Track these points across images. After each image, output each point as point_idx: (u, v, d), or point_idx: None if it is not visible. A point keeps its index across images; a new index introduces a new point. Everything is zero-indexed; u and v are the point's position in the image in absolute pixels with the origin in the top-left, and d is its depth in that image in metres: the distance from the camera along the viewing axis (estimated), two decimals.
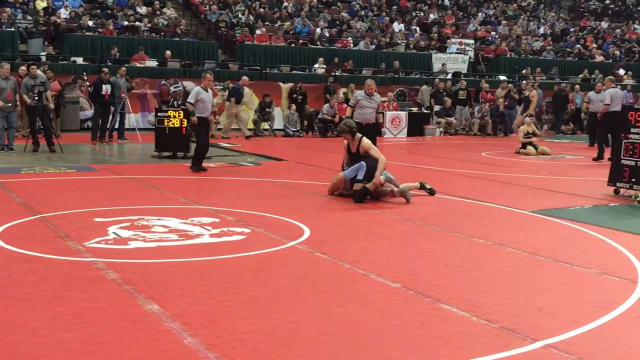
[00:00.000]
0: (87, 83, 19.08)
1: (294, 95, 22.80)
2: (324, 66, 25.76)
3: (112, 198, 9.97)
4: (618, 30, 37.62)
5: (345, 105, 22.53)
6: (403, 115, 23.57)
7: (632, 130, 10.91)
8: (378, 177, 10.18)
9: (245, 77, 21.26)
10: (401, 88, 26.33)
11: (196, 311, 5.16)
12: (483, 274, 6.52)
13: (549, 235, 8.36)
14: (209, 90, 13.50)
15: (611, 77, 18.02)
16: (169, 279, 6.00)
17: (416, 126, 23.66)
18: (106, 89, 17.80)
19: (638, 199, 10.74)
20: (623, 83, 28.57)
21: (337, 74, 25.41)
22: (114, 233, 7.68)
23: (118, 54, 22.59)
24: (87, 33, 23.73)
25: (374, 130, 12.99)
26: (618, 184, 11.21)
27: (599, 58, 33.35)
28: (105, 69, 18.44)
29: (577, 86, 27.04)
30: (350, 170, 10.45)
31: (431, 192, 10.93)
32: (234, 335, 4.70)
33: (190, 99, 13.28)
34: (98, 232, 7.69)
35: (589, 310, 5.47)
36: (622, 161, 11.02)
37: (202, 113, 13.21)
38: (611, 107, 16.28)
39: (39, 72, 16.30)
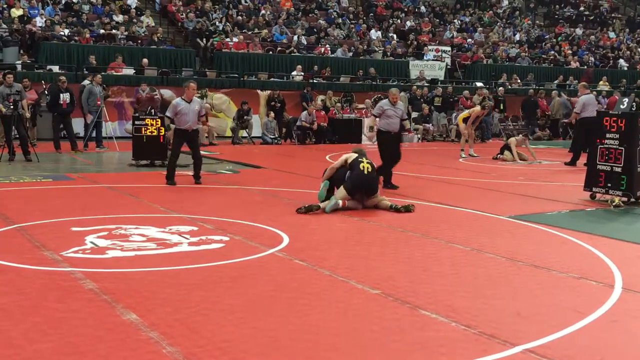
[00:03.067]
0: (46, 92, 18.76)
1: (272, 103, 22.81)
2: (302, 73, 25.78)
3: (90, 207, 9.89)
4: (592, 37, 38.05)
5: (323, 113, 22.71)
6: None
7: (608, 135, 11.03)
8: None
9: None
10: (379, 95, 26.38)
11: (175, 320, 5.13)
12: (462, 280, 6.54)
13: (526, 241, 8.41)
14: (193, 100, 12.67)
15: (584, 83, 18.19)
16: (148, 288, 5.96)
17: None
18: (64, 97, 17.57)
19: (614, 204, 10.85)
20: (598, 89, 28.90)
21: (315, 81, 25.44)
22: (92, 242, 7.62)
23: (95, 62, 22.43)
24: (63, 40, 23.57)
25: (399, 138, 13.06)
26: (594, 189, 11.32)
27: (574, 64, 33.70)
28: (63, 78, 18.19)
29: (554, 92, 27.32)
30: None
31: (398, 210, 10.19)
32: (213, 344, 4.68)
33: (168, 112, 12.71)
34: (75, 241, 7.62)
35: (567, 314, 5.51)
36: (598, 166, 11.13)
37: (180, 125, 12.53)
38: (585, 113, 16.46)
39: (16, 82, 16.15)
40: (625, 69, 35.02)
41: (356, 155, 10.46)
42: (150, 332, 4.86)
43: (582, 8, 42.11)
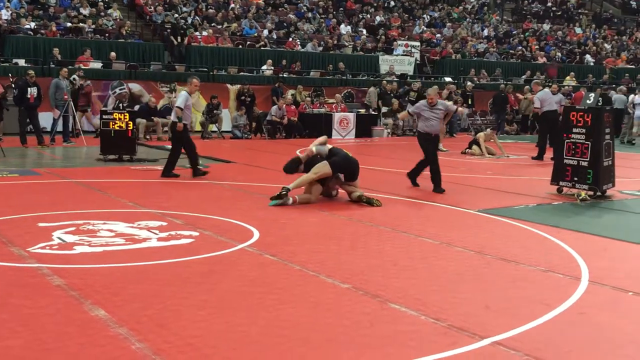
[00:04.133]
0: (13, 86, 18.47)
1: (242, 97, 22.71)
2: (272, 68, 25.72)
3: (57, 202, 9.78)
4: (560, 33, 38.48)
5: (293, 107, 22.69)
6: (351, 116, 23.68)
7: (574, 130, 11.16)
8: (310, 148, 10.53)
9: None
10: (349, 90, 26.46)
11: (144, 316, 5.10)
12: (431, 273, 6.59)
13: (495, 234, 8.49)
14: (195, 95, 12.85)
15: (537, 80, 18.35)
16: (116, 284, 5.91)
17: (364, 127, 23.82)
18: (31, 91, 17.33)
19: (580, 198, 10.99)
20: (564, 85, 29.22)
21: (285, 75, 25.39)
22: (59, 238, 7.53)
23: (59, 55, 22.14)
24: (30, 34, 23.24)
25: (436, 139, 12.38)
26: (561, 183, 11.45)
27: (541, 60, 34.06)
28: (31, 72, 17.91)
29: (526, 87, 27.58)
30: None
31: (368, 202, 10.26)
32: (183, 340, 4.66)
33: (180, 104, 12.55)
34: (42, 237, 7.53)
35: (535, 307, 5.57)
36: (565, 160, 11.26)
37: (186, 120, 12.66)
38: (545, 107, 16.71)
39: None
40: (592, 64, 35.47)
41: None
42: (119, 328, 4.83)
43: (549, 4, 42.59)
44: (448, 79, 28.65)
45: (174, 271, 6.40)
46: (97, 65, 22.76)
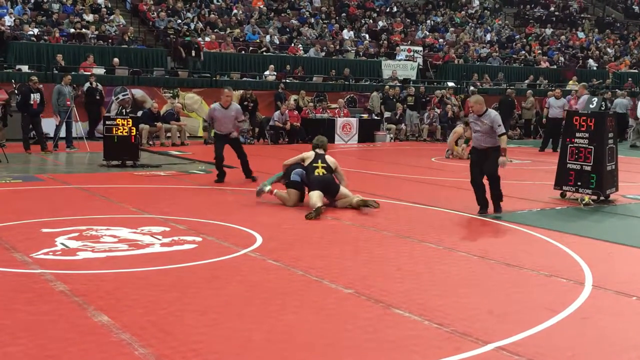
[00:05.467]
0: (16, 91, 18.50)
1: (245, 103, 22.71)
2: (275, 73, 25.74)
3: (60, 208, 9.79)
4: (562, 37, 38.46)
5: (296, 112, 22.68)
6: (354, 121, 23.68)
7: (577, 134, 11.16)
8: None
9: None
10: (351, 95, 26.47)
11: (147, 322, 5.10)
12: (434, 278, 6.58)
13: (498, 239, 8.48)
14: (230, 105, 12.87)
15: (584, 83, 18.12)
16: (119, 289, 5.91)
17: (367, 132, 23.81)
18: (34, 97, 17.36)
19: (584, 202, 10.97)
20: (567, 89, 29.20)
21: (287, 81, 25.41)
22: (62, 244, 7.54)
23: (63, 61, 22.17)
24: (33, 40, 23.28)
25: (485, 154, 10.17)
26: (564, 188, 11.44)
27: (544, 64, 34.04)
28: (35, 78, 17.96)
29: (529, 92, 27.54)
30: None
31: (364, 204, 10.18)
32: (186, 345, 4.65)
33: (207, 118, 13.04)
34: (45, 243, 7.54)
35: (538, 312, 5.56)
36: (568, 165, 11.25)
37: (218, 130, 12.84)
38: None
39: None
40: (595, 68, 35.44)
41: (314, 154, 10.57)
42: (122, 334, 4.83)
43: (552, 8, 42.57)
44: (451, 84, 28.63)
45: (177, 277, 6.40)
46: (100, 71, 22.79)
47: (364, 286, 6.17)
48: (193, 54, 25.24)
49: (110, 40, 25.13)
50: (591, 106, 11.37)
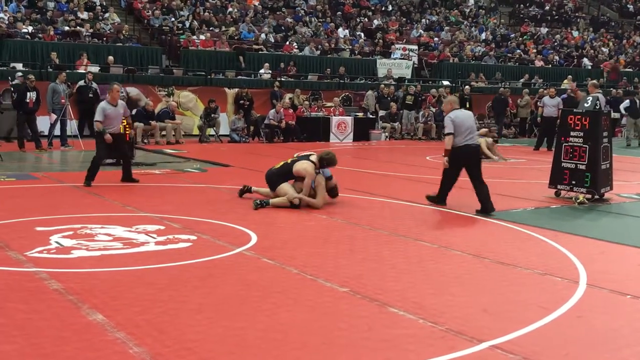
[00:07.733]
0: (12, 89, 18.46)
1: (241, 101, 22.71)
2: (270, 71, 25.72)
3: (54, 206, 9.77)
4: (557, 36, 38.52)
5: (291, 111, 22.68)
6: (349, 120, 23.70)
7: (572, 133, 11.18)
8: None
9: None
10: (347, 93, 26.47)
11: (142, 320, 5.09)
12: (429, 277, 6.59)
13: (492, 238, 8.49)
14: (119, 102, 12.29)
15: (594, 82, 18.01)
16: (114, 288, 5.90)
17: (362, 131, 23.83)
18: (30, 96, 17.32)
19: (578, 201, 10.99)
20: (561, 88, 29.24)
21: (283, 79, 25.40)
22: (57, 242, 7.52)
23: (57, 59, 22.12)
24: (27, 38, 23.22)
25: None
26: (559, 186, 11.46)
27: (539, 63, 34.09)
28: (31, 76, 17.91)
29: (524, 91, 27.61)
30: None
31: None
32: (181, 344, 4.65)
33: (98, 117, 12.14)
34: (40, 241, 7.52)
35: (533, 310, 5.57)
36: (562, 164, 11.28)
37: (108, 127, 12.11)
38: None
39: None
40: (589, 67, 35.51)
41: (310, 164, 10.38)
42: (117, 332, 4.82)
43: (547, 7, 42.64)
44: (446, 83, 28.65)
45: (172, 275, 6.39)
46: (94, 69, 22.74)
47: (358, 285, 6.17)
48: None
49: (104, 38, 25.09)
50: (586, 105, 11.40)
